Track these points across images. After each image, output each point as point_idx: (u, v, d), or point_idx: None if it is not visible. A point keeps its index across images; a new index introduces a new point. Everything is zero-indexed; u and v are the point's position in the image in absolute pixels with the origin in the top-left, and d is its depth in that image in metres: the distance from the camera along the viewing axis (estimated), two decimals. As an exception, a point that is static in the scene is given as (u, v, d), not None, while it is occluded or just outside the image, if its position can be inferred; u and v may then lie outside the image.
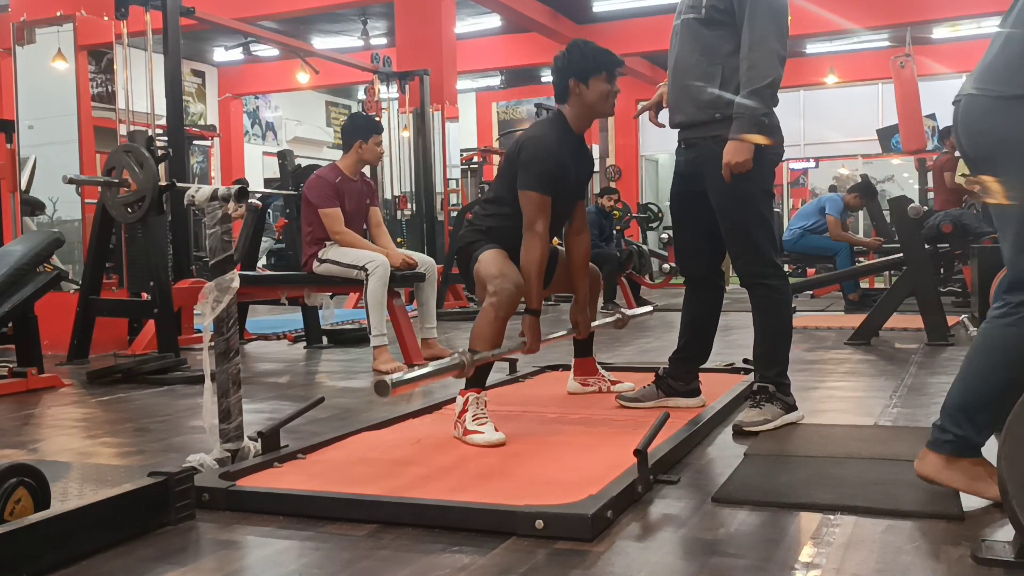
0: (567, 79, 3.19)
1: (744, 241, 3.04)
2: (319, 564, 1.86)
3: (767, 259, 3.05)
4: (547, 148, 3.16)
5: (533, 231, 3.09)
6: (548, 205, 3.12)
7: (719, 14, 2.98)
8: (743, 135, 2.88)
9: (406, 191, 9.52)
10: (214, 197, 2.52)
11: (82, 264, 5.67)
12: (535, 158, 3.14)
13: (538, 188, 3.10)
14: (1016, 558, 1.74)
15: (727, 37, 2.97)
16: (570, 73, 3.18)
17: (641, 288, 9.38)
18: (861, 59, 15.09)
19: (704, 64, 3.01)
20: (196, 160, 13.68)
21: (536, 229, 3.08)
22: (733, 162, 2.90)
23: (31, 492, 2.01)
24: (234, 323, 2.56)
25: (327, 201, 4.88)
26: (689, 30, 3.07)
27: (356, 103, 17.15)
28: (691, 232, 3.25)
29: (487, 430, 2.82)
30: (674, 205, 3.28)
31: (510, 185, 3.18)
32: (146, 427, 3.37)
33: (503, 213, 3.21)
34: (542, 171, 3.12)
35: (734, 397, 3.39)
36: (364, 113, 5.23)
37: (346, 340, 6.04)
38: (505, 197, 3.22)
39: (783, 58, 2.93)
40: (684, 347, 3.32)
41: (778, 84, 2.91)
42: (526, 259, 3.08)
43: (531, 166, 3.13)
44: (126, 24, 5.91)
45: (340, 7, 11.56)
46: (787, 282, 3.13)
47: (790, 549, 1.89)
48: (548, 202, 3.12)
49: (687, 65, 3.07)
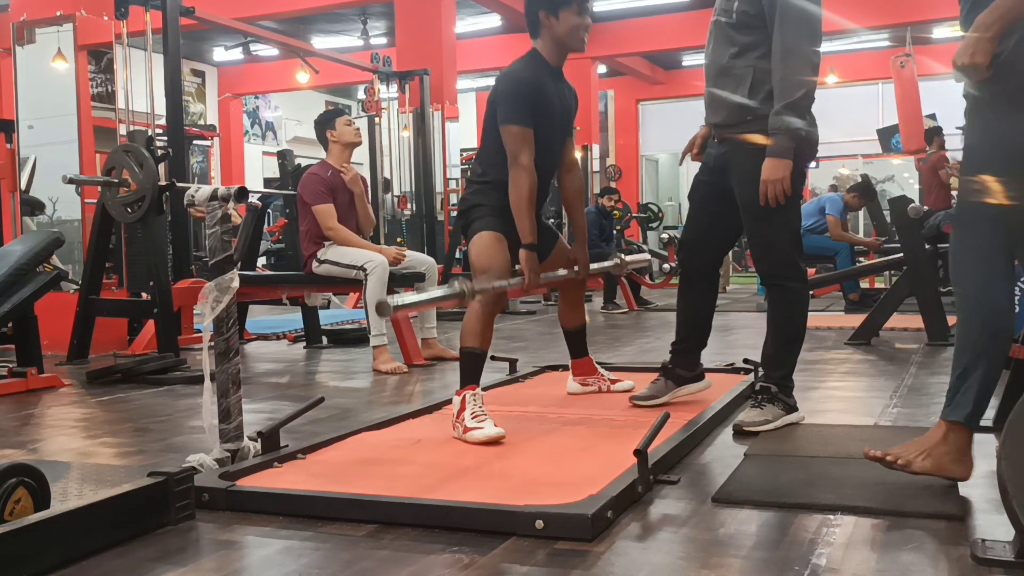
0: (537, 11, 3.16)
1: (766, 241, 3.03)
2: (319, 564, 1.86)
3: (788, 260, 3.02)
4: (523, 79, 3.12)
5: (518, 164, 3.05)
6: (530, 136, 3.06)
7: (750, 19, 2.95)
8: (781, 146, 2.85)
9: (406, 191, 9.52)
10: (214, 197, 2.52)
11: (82, 264, 5.67)
12: (511, 91, 3.10)
13: (518, 120, 3.06)
14: (1016, 558, 1.74)
15: (759, 41, 2.94)
16: (540, 4, 3.15)
17: (641, 288, 9.37)
18: (861, 59, 15.09)
19: (736, 67, 2.99)
20: (196, 160, 13.68)
21: (521, 162, 3.04)
22: (771, 179, 2.87)
23: (31, 492, 2.01)
24: (234, 323, 2.56)
25: (319, 197, 4.88)
26: (722, 32, 3.05)
27: (356, 103, 17.14)
28: (705, 223, 3.22)
29: (486, 426, 2.82)
30: (694, 193, 3.25)
31: (495, 150, 3.13)
32: (146, 427, 3.37)
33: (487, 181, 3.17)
34: (520, 103, 3.07)
35: (734, 397, 3.39)
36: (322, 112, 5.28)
37: (346, 340, 6.04)
38: (489, 158, 3.17)
39: (816, 65, 2.88)
40: (685, 339, 3.32)
41: (812, 93, 2.88)
42: (515, 194, 3.05)
43: (508, 99, 3.09)
44: (126, 24, 5.92)
45: (340, 7, 11.56)
46: (807, 287, 3.10)
47: (790, 549, 1.89)
48: (530, 133, 3.06)
49: (719, 67, 3.04)
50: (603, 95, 15.21)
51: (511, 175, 3.06)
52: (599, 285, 8.85)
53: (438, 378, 4.49)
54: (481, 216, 3.17)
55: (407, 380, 4.44)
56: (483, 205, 3.17)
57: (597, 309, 8.61)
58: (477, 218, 3.17)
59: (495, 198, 3.16)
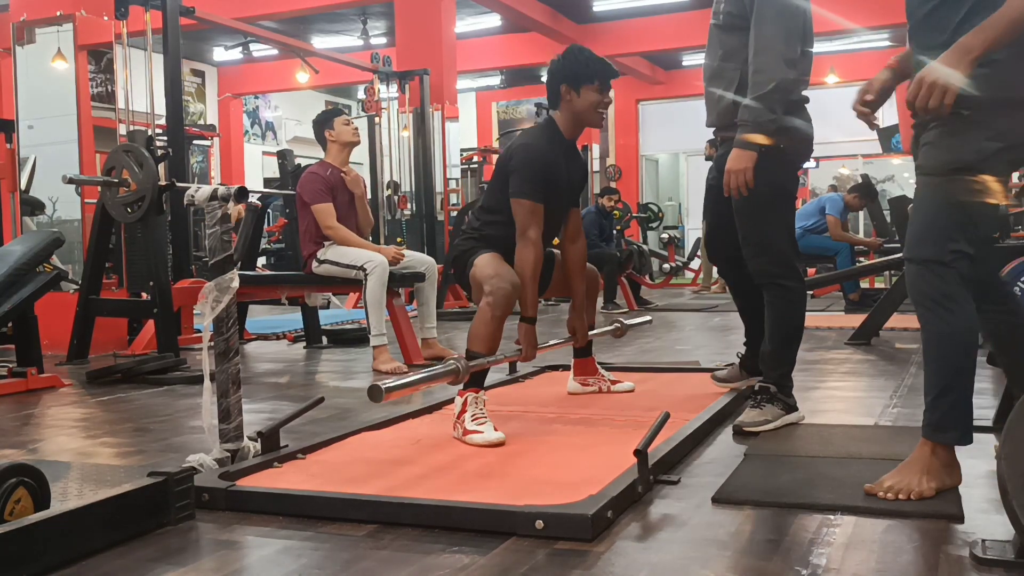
0: (559, 84, 3.18)
1: (758, 241, 3.03)
2: (319, 564, 1.86)
3: (782, 259, 3.02)
4: (537, 154, 3.15)
5: (526, 238, 3.08)
6: (540, 212, 3.11)
7: (735, 19, 2.97)
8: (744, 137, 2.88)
9: (406, 191, 9.52)
10: (214, 197, 2.52)
11: (82, 264, 5.67)
12: (525, 164, 3.13)
13: (530, 195, 3.10)
14: (1016, 558, 1.74)
15: (745, 42, 2.95)
16: (562, 79, 3.17)
17: (641, 288, 9.38)
18: (861, 59, 15.07)
19: (726, 70, 3.01)
20: (196, 160, 13.67)
21: (529, 236, 3.08)
22: (733, 170, 2.90)
23: (31, 492, 2.01)
24: (234, 323, 2.56)
25: (318, 196, 4.89)
26: (713, 35, 3.08)
27: (356, 103, 17.15)
28: (717, 220, 3.29)
29: (486, 430, 2.82)
30: (707, 193, 3.33)
31: (501, 193, 3.18)
32: (146, 427, 3.37)
33: (496, 221, 3.20)
34: (532, 177, 3.11)
35: (734, 397, 3.39)
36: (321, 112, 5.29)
37: (346, 340, 6.04)
38: (496, 205, 3.22)
39: (791, 60, 2.89)
40: (747, 332, 3.42)
41: (785, 87, 2.87)
42: (520, 266, 3.08)
43: (521, 172, 3.12)
44: (126, 24, 5.91)
45: (340, 7, 11.56)
46: (803, 285, 3.10)
47: (790, 549, 1.89)
48: (540, 209, 3.11)
49: (712, 70, 3.08)
50: (603, 95, 15.18)
51: (518, 246, 3.10)
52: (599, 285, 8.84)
53: (438, 378, 4.48)
54: (476, 250, 3.19)
55: (407, 380, 4.43)
56: (479, 249, 3.19)
57: (597, 309, 8.60)
58: (472, 253, 3.19)
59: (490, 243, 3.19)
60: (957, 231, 2.13)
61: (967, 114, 2.08)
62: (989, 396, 3.49)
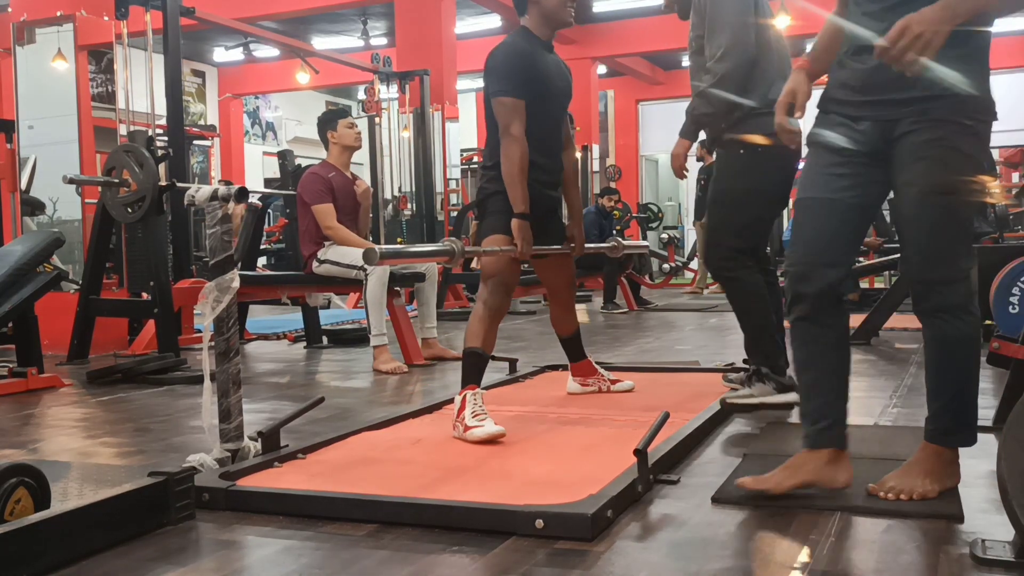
0: None
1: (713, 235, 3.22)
2: (319, 564, 1.86)
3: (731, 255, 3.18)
4: (515, 51, 3.14)
5: (509, 135, 3.05)
6: (521, 107, 3.07)
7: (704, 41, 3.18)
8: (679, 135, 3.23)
9: (406, 191, 9.52)
10: (214, 197, 2.52)
11: (82, 264, 5.67)
12: (501, 62, 3.11)
13: (509, 91, 3.06)
14: (1016, 558, 1.74)
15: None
16: None
17: (641, 288, 9.38)
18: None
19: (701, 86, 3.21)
20: (196, 160, 13.68)
21: (512, 132, 3.05)
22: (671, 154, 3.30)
23: (31, 492, 2.01)
24: (234, 323, 2.56)
25: (319, 197, 4.89)
26: (691, 63, 3.30)
27: (356, 103, 17.15)
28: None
29: (486, 424, 2.82)
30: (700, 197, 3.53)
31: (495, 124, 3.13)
32: (146, 427, 3.37)
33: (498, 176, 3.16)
34: (510, 72, 3.08)
35: (734, 397, 3.39)
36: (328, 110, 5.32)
37: (346, 340, 6.04)
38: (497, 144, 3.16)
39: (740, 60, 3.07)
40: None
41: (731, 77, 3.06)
42: (506, 164, 3.05)
43: (499, 70, 3.10)
44: (126, 24, 5.92)
45: (340, 7, 11.56)
46: (754, 271, 3.21)
47: (790, 549, 1.89)
48: (521, 105, 3.07)
49: (697, 90, 3.24)
50: (603, 95, 15.21)
51: (502, 145, 3.06)
52: (599, 285, 8.85)
53: (438, 378, 4.49)
54: (496, 211, 3.16)
55: (407, 380, 4.44)
56: (499, 192, 3.15)
57: (597, 309, 8.61)
58: (492, 212, 3.17)
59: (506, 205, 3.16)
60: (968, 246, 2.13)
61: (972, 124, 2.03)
62: (989, 396, 3.49)
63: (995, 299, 4.68)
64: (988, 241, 5.95)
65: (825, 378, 2.22)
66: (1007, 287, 4.65)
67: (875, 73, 2.03)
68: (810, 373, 2.21)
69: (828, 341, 2.20)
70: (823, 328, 2.17)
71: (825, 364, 2.21)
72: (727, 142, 3.19)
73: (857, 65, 2.09)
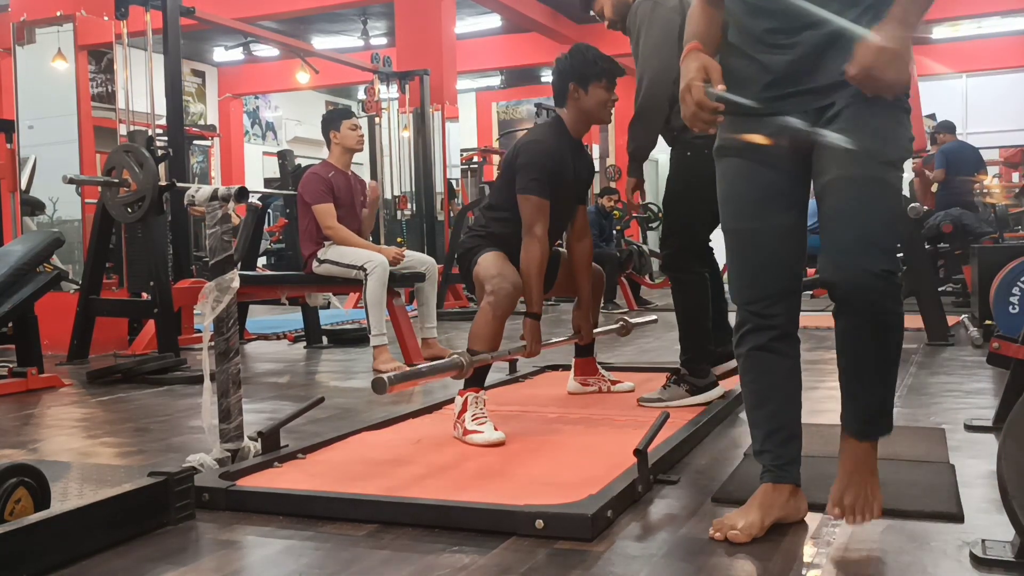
0: (567, 83, 3.21)
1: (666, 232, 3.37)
2: (319, 564, 1.86)
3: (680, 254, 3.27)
4: (544, 151, 3.17)
5: (532, 234, 3.09)
6: (546, 208, 3.12)
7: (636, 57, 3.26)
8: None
9: (406, 191, 9.52)
10: (214, 197, 2.52)
11: (82, 264, 5.67)
12: (532, 161, 3.15)
13: (536, 191, 3.11)
14: (1016, 558, 1.74)
15: None
16: (570, 77, 3.20)
17: (641, 288, 9.38)
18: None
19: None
20: (196, 160, 13.67)
21: (535, 232, 3.09)
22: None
23: (31, 492, 2.01)
24: (234, 323, 2.56)
25: (319, 197, 4.89)
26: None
27: (356, 103, 17.14)
28: None
29: (486, 429, 2.82)
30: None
31: (508, 190, 3.19)
32: (146, 427, 3.37)
33: (502, 218, 3.22)
34: (540, 174, 3.13)
35: (735, 397, 3.39)
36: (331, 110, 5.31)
37: (346, 340, 6.04)
38: (504, 203, 3.24)
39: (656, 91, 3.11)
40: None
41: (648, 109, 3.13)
42: (526, 262, 3.09)
43: (529, 169, 3.13)
44: (126, 24, 5.91)
45: (340, 7, 11.56)
46: (700, 277, 3.29)
47: (790, 549, 1.89)
48: (546, 205, 3.12)
49: None
50: (603, 95, 15.17)
51: (524, 242, 3.11)
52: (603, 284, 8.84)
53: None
54: (481, 248, 3.20)
55: (407, 380, 4.44)
56: (482, 245, 3.20)
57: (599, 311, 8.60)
58: (477, 251, 3.20)
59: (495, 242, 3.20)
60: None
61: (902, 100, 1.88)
62: (989, 396, 3.49)
63: (995, 299, 4.68)
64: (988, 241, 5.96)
65: (784, 410, 2.07)
66: (1007, 287, 4.65)
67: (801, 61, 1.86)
68: (768, 407, 2.05)
69: (788, 368, 2.06)
70: (782, 357, 2.04)
71: (784, 395, 2.06)
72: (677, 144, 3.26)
73: (775, 56, 1.89)
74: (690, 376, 3.29)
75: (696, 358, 3.29)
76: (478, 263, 3.14)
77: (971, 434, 2.90)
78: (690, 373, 3.29)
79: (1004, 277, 4.70)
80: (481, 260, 3.14)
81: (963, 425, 3.00)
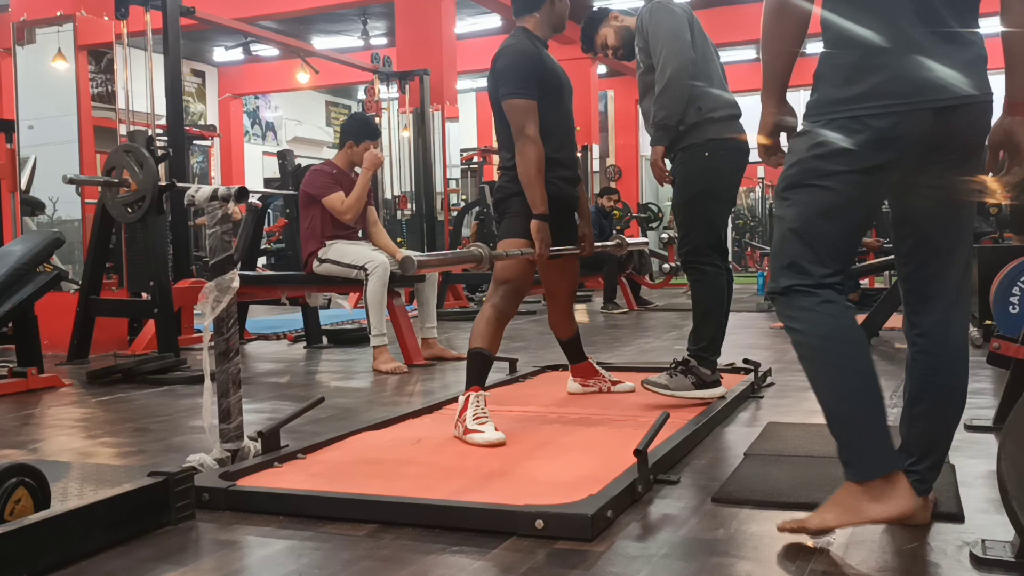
0: None
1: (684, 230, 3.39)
2: (319, 564, 1.86)
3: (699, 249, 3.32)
4: (523, 52, 3.15)
5: (524, 136, 3.05)
6: (535, 108, 3.07)
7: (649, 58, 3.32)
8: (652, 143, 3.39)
9: (406, 191, 9.52)
10: (214, 197, 2.52)
11: (82, 264, 5.67)
12: (513, 64, 3.12)
13: (523, 93, 3.07)
14: (1016, 558, 1.74)
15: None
16: None
17: (641, 288, 9.38)
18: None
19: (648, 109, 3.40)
20: (196, 160, 13.68)
21: (527, 134, 3.05)
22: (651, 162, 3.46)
23: (31, 492, 2.01)
24: (234, 323, 2.56)
25: (327, 188, 4.88)
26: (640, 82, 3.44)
27: (356, 103, 17.14)
28: None
29: (487, 429, 2.82)
30: None
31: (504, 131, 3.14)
32: (146, 427, 3.37)
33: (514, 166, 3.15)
34: (521, 73, 3.09)
35: (735, 397, 3.39)
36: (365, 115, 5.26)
37: (346, 340, 6.04)
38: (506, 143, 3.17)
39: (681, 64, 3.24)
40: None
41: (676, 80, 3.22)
42: (523, 166, 3.05)
43: (508, 71, 3.11)
44: (126, 24, 5.92)
45: (340, 7, 11.56)
46: (720, 271, 3.35)
47: (790, 549, 1.89)
48: (534, 105, 3.07)
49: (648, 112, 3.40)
50: (603, 95, 15.20)
51: (518, 147, 3.06)
52: (599, 285, 8.85)
53: (438, 378, 4.49)
54: (515, 212, 3.16)
55: (407, 380, 4.44)
56: (519, 194, 3.13)
57: (597, 309, 8.61)
58: (512, 214, 3.17)
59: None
60: None
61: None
62: (989, 396, 3.49)
63: (995, 299, 4.68)
64: (988, 241, 5.95)
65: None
66: (1007, 287, 4.65)
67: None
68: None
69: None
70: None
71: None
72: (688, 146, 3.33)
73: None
74: (698, 368, 3.31)
75: (707, 350, 3.33)
76: (500, 244, 3.14)
77: (971, 434, 2.90)
78: (699, 363, 3.32)
79: (1004, 277, 4.69)
80: (502, 245, 3.12)
81: (963, 425, 3.00)
